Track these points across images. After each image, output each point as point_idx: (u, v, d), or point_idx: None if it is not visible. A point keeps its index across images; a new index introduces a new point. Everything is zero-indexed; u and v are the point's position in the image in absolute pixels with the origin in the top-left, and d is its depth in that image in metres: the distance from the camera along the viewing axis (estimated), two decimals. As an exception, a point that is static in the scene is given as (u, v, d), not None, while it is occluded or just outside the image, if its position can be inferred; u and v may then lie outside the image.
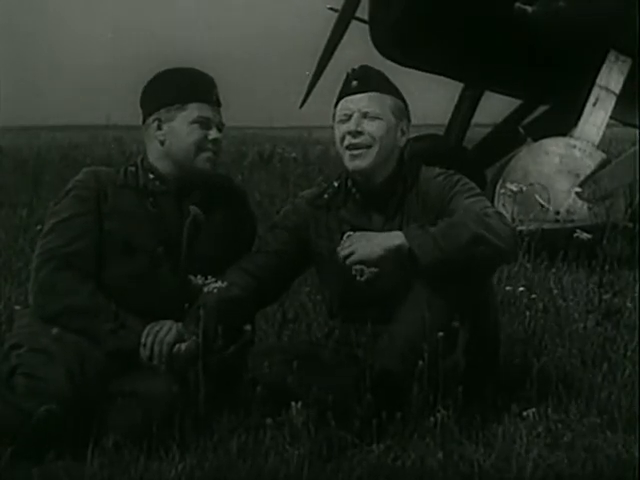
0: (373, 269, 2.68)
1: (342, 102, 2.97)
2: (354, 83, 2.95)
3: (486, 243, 2.67)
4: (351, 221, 2.96)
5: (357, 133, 2.91)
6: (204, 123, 2.93)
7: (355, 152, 2.92)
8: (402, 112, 2.99)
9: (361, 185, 2.97)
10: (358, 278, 2.69)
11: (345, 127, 2.93)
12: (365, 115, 2.92)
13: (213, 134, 2.93)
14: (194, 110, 2.93)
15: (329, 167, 10.24)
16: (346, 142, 2.93)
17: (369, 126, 2.92)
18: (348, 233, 2.76)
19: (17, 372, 2.64)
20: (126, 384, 2.66)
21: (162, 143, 2.95)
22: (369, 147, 2.91)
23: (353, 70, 3.01)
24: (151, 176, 2.95)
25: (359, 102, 2.93)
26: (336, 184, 3.04)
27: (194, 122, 2.93)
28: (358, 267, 2.68)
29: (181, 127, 2.93)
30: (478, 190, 2.95)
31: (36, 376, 2.60)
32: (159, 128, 2.95)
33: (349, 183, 3.00)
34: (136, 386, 2.65)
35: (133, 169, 2.98)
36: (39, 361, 2.64)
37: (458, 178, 2.95)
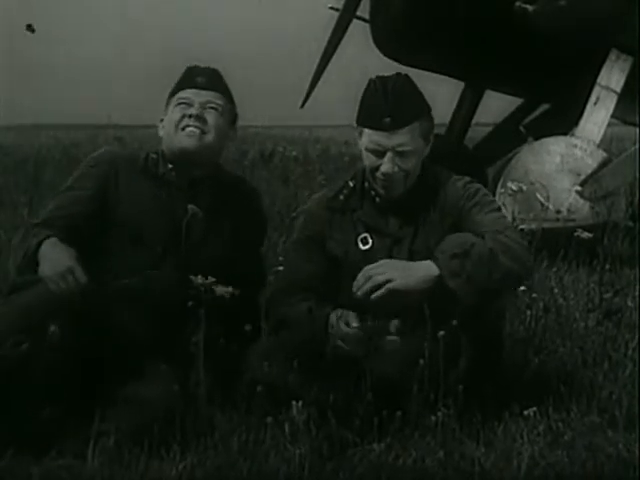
0: (397, 322, 2.71)
1: (372, 134, 2.86)
2: (387, 120, 2.82)
3: (514, 277, 2.78)
4: (367, 223, 2.95)
5: (392, 174, 2.86)
6: (185, 103, 2.99)
7: (388, 184, 2.89)
8: (430, 127, 2.94)
9: (382, 193, 2.94)
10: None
11: (377, 162, 2.87)
12: (400, 154, 2.85)
13: (193, 111, 2.97)
14: (177, 97, 3.02)
15: (329, 166, 10.25)
16: (379, 176, 2.88)
17: (403, 163, 2.86)
18: (379, 263, 2.72)
19: None
20: (127, 384, 2.65)
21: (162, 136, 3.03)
22: (401, 179, 2.89)
23: (380, 90, 2.87)
24: (170, 166, 2.98)
25: (393, 140, 2.84)
26: (352, 184, 3.01)
27: (176, 105, 3.01)
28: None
29: (170, 115, 3.01)
30: (496, 203, 2.98)
31: None
32: (161, 120, 3.04)
33: (367, 185, 2.98)
34: (137, 385, 2.65)
35: (155, 156, 3.02)
36: None
37: (477, 188, 2.94)
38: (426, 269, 2.69)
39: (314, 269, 2.95)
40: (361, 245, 2.93)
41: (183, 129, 2.96)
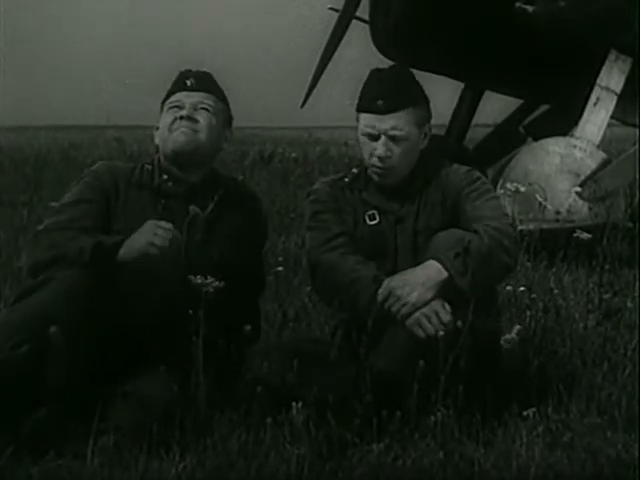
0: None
1: (367, 117, 2.95)
2: (380, 103, 2.92)
3: (508, 270, 2.94)
4: (372, 202, 3.03)
5: (385, 158, 2.94)
6: (176, 107, 3.01)
7: (380, 172, 2.97)
8: (425, 117, 3.03)
9: (377, 181, 3.02)
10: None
11: (371, 147, 2.95)
12: (393, 138, 2.93)
13: (184, 112, 2.99)
14: (169, 101, 3.04)
15: (329, 167, 10.27)
16: (373, 161, 2.96)
17: (396, 149, 2.95)
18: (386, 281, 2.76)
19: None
20: (127, 384, 2.65)
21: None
22: (394, 166, 2.97)
23: (376, 77, 2.99)
24: (165, 177, 2.98)
25: (386, 123, 2.92)
26: (355, 171, 3.09)
27: (168, 110, 3.03)
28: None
29: (163, 120, 3.02)
30: (494, 192, 3.08)
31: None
32: (157, 129, 3.05)
33: (369, 173, 3.05)
34: (136, 386, 2.65)
35: (149, 167, 3.02)
36: None
37: (478, 176, 3.05)
38: (431, 272, 2.74)
39: (342, 230, 3.00)
40: (368, 220, 3.02)
41: (176, 129, 2.98)
